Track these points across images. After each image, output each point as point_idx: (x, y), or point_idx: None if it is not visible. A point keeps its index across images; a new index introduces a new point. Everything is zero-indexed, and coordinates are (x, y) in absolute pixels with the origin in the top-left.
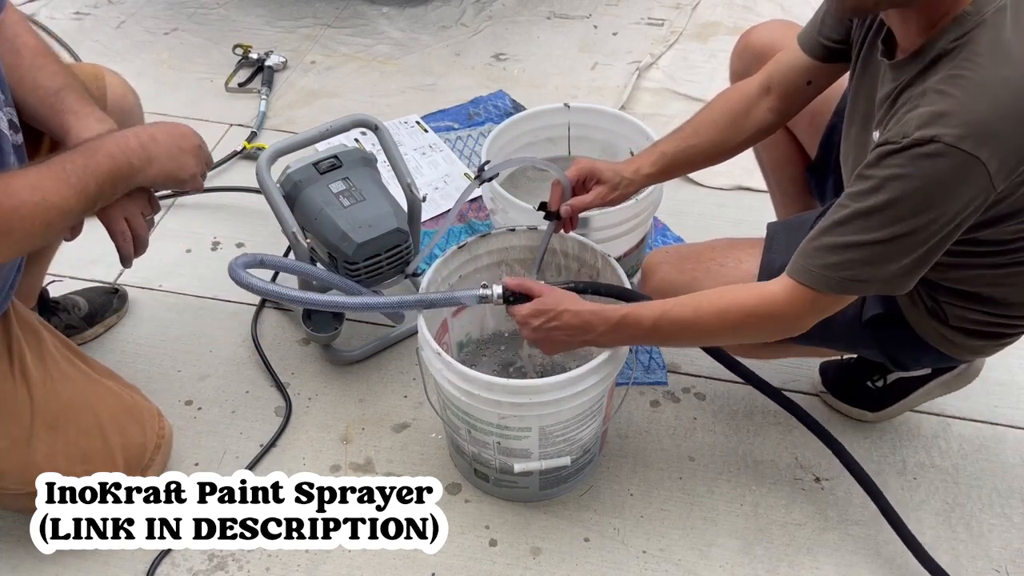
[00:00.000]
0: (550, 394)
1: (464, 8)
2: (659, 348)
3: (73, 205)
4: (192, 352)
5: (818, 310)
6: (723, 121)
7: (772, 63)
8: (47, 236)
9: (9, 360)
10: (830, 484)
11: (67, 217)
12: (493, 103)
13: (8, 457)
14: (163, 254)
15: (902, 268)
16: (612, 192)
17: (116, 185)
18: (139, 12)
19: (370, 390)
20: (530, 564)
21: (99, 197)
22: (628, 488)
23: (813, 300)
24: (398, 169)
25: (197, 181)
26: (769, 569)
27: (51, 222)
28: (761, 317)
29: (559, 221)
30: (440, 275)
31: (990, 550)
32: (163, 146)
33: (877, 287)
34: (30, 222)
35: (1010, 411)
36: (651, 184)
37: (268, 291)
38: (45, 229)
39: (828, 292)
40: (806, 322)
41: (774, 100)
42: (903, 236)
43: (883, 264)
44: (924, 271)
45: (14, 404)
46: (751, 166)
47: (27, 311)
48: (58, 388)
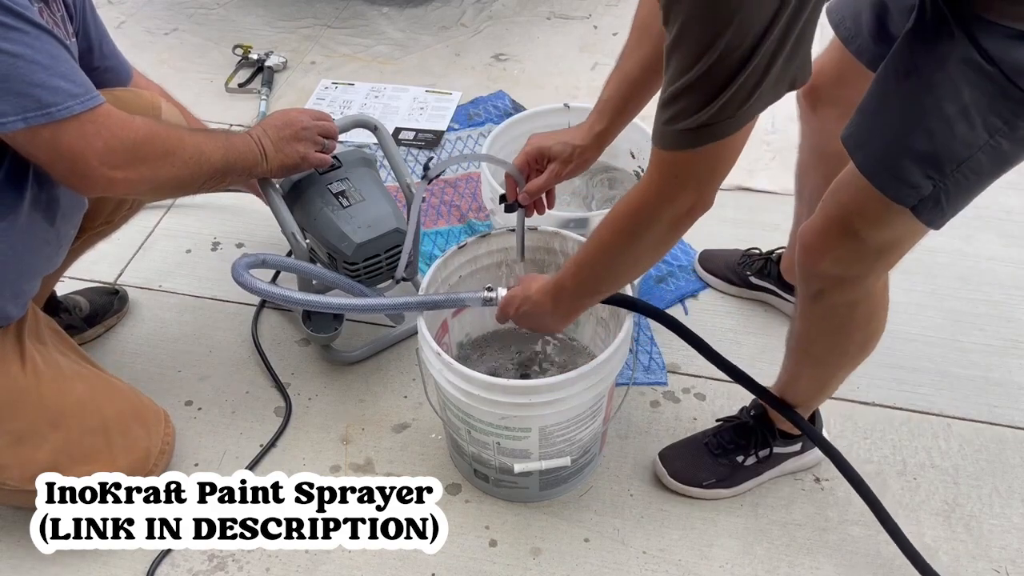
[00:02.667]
0: (550, 394)
1: (464, 8)
2: (656, 346)
3: (216, 160)
4: (192, 352)
5: (686, 174)
6: (640, 34)
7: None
8: (194, 176)
9: (21, 358)
10: (830, 484)
11: (210, 167)
12: (493, 103)
13: (10, 452)
14: (163, 254)
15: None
16: (566, 166)
17: (245, 168)
18: (139, 12)
19: (370, 390)
20: (530, 564)
21: (229, 170)
22: (628, 488)
23: (672, 163)
24: (397, 169)
25: (310, 161)
26: (769, 569)
27: (200, 163)
28: (641, 203)
29: (524, 209)
30: (440, 275)
31: (990, 550)
32: (271, 139)
33: (730, 124)
34: (187, 155)
35: (1010, 411)
36: (611, 138)
37: (273, 294)
38: (196, 167)
39: (680, 149)
40: (680, 192)
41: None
42: (714, 57)
43: (716, 95)
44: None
45: (22, 400)
46: (751, 166)
47: (39, 311)
48: (68, 387)
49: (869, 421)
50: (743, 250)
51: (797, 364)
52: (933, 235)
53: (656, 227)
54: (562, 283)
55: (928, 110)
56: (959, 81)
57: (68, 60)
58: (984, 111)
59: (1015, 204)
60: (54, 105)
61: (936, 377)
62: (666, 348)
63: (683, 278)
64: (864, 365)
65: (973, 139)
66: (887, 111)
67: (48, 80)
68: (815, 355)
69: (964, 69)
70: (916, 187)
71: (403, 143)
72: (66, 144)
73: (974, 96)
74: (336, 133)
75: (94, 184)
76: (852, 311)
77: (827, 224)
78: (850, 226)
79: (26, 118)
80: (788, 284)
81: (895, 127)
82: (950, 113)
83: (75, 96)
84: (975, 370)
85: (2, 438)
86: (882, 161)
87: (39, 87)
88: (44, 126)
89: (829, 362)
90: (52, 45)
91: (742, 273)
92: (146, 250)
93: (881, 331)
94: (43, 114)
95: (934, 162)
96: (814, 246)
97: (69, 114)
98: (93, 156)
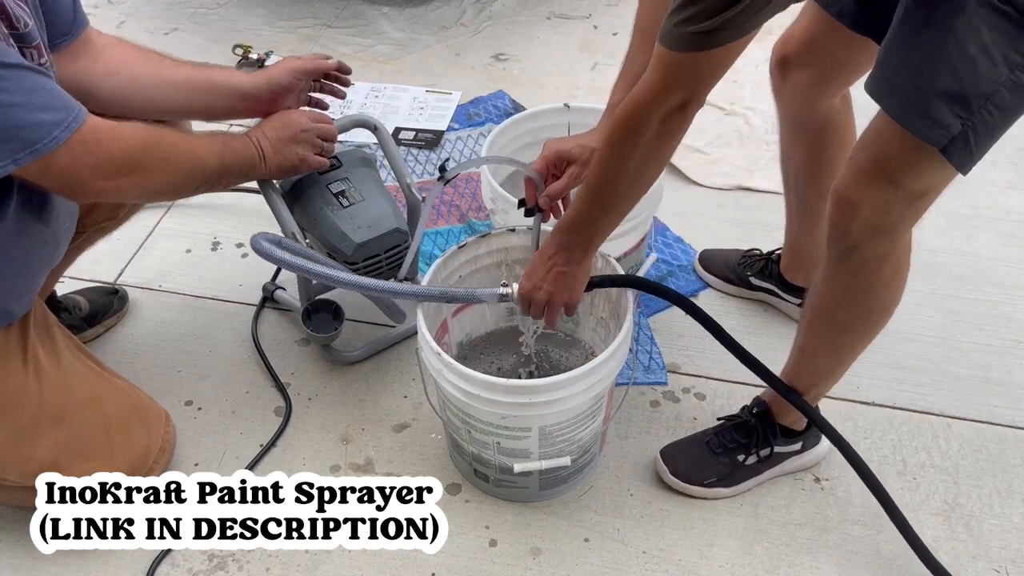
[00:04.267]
0: (550, 394)
1: (464, 8)
2: (656, 346)
3: (211, 164)
4: (192, 352)
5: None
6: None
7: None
8: (188, 180)
9: (23, 353)
10: (830, 484)
11: (205, 171)
12: (493, 103)
13: (10, 449)
14: (163, 254)
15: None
16: (584, 168)
17: (242, 170)
18: (139, 12)
19: (370, 390)
20: (530, 564)
21: (225, 173)
22: (628, 488)
23: (675, 61)
24: (397, 169)
25: (308, 164)
26: (769, 569)
27: (194, 168)
28: (639, 99)
29: (542, 213)
30: (440, 275)
31: (990, 550)
32: (270, 141)
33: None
34: (181, 161)
35: (1010, 411)
36: None
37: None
38: (190, 172)
39: (688, 50)
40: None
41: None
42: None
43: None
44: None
45: (23, 397)
46: (751, 166)
47: (44, 308)
48: (69, 383)
49: (869, 421)
50: (743, 250)
51: (815, 339)
52: (933, 235)
53: (653, 119)
54: (578, 207)
55: (951, 52)
56: (977, 23)
57: (43, 87)
58: (1004, 48)
59: (1015, 204)
60: (39, 141)
61: (936, 377)
62: (666, 348)
63: (683, 278)
64: (864, 365)
65: (996, 75)
66: (911, 58)
67: (29, 118)
68: (838, 320)
69: (981, 11)
70: (946, 126)
71: (403, 143)
72: (58, 168)
73: (993, 35)
74: (335, 136)
75: (86, 195)
76: (880, 267)
77: (860, 176)
78: (884, 174)
79: (16, 160)
80: (789, 284)
81: (921, 71)
82: (972, 52)
83: (59, 124)
84: (975, 370)
85: (2, 434)
86: (911, 104)
87: (22, 128)
88: (35, 161)
89: (851, 327)
90: (26, 78)
91: (742, 274)
92: (146, 250)
93: (901, 296)
94: (31, 152)
95: (962, 99)
96: (849, 199)
97: (56, 144)
98: (85, 172)
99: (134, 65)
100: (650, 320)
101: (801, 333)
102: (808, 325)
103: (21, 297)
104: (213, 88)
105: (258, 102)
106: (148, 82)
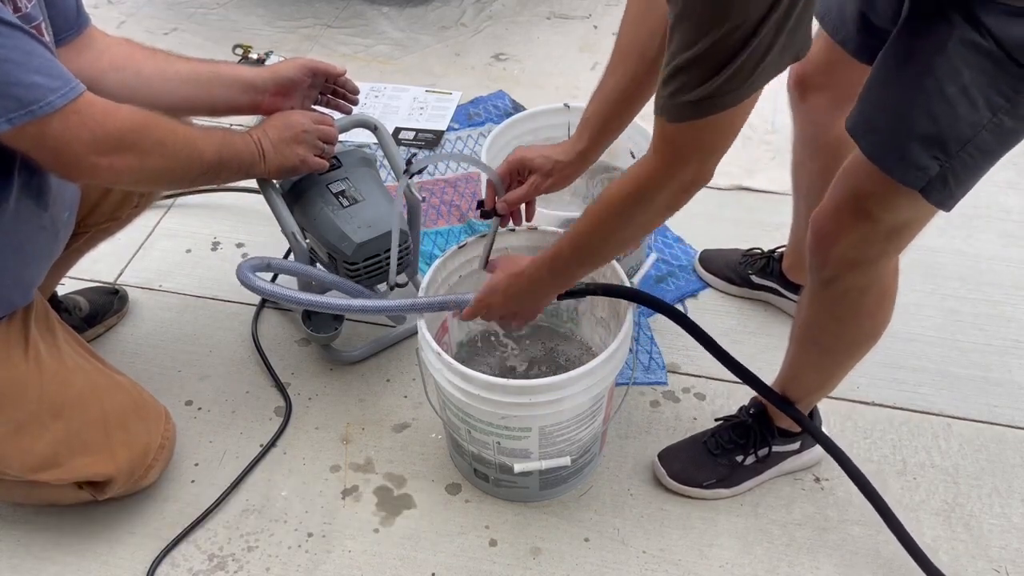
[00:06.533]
0: (550, 394)
1: (464, 8)
2: (656, 346)
3: (209, 156)
4: (192, 352)
5: (689, 145)
6: (621, 57)
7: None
8: (185, 168)
9: (24, 346)
10: (830, 484)
11: (201, 162)
12: (493, 103)
13: (10, 442)
14: (163, 254)
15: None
16: (546, 180)
17: (241, 167)
18: (139, 12)
19: (370, 390)
20: (530, 564)
21: (223, 167)
22: (628, 488)
23: (676, 135)
24: (397, 170)
25: (308, 165)
26: (769, 569)
27: (191, 156)
28: (645, 176)
29: (501, 218)
30: (440, 275)
31: (990, 550)
32: (271, 141)
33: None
34: (178, 147)
35: (1010, 411)
36: (594, 156)
37: (277, 295)
38: (186, 160)
39: (683, 120)
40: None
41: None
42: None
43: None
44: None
45: (23, 391)
46: (751, 166)
47: (46, 304)
48: (69, 377)
49: (869, 421)
50: (743, 250)
51: (803, 356)
52: (933, 235)
53: (658, 199)
54: (560, 253)
55: (930, 92)
56: (958, 62)
57: (42, 54)
58: (985, 90)
59: (1015, 204)
60: (35, 103)
61: (936, 377)
62: (666, 348)
63: (683, 278)
64: (864, 365)
65: (976, 118)
66: (889, 97)
67: (24, 77)
68: (823, 344)
69: (962, 50)
70: (923, 169)
71: (403, 143)
72: (52, 137)
73: (973, 76)
74: (336, 138)
75: (79, 171)
76: (863, 296)
77: (839, 208)
78: (862, 208)
79: (10, 119)
80: (791, 282)
81: (899, 111)
82: (951, 94)
83: (54, 90)
84: (975, 370)
85: (2, 427)
86: (888, 145)
87: (16, 85)
88: (29, 123)
89: (836, 351)
90: (24, 41)
91: (743, 272)
92: (146, 250)
93: (887, 321)
94: (26, 112)
95: (940, 143)
96: (828, 230)
97: (51, 109)
98: (79, 145)
99: (140, 61)
100: (650, 320)
101: (791, 346)
102: (796, 344)
103: (21, 286)
104: (218, 79)
105: (262, 95)
106: (153, 76)
